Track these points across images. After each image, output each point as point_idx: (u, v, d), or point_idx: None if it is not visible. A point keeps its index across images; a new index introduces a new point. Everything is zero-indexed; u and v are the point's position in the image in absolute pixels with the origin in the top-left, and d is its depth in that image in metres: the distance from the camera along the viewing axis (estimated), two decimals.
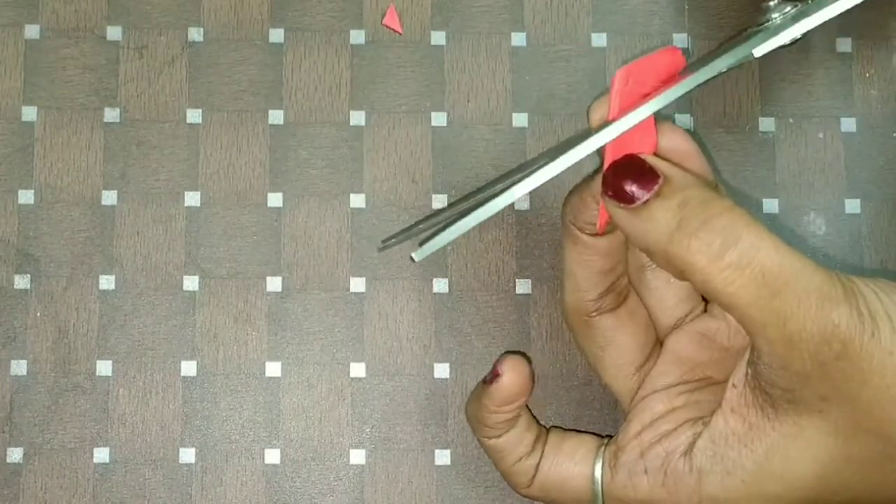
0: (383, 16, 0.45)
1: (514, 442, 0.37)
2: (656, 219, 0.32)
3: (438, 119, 0.44)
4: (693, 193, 0.32)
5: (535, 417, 0.39)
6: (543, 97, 0.44)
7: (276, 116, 0.44)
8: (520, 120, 0.44)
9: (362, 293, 0.43)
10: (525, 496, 0.38)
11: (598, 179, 0.34)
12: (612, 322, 0.38)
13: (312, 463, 0.42)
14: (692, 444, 0.35)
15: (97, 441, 0.42)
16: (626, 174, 0.33)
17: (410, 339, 0.43)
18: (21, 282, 0.43)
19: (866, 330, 0.31)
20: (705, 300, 0.38)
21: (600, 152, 0.34)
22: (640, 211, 0.32)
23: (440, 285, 0.43)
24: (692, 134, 0.45)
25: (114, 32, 0.44)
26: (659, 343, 0.39)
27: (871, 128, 0.45)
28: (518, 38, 0.45)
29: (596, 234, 0.36)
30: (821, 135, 0.45)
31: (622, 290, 0.38)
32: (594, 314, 0.38)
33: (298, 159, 0.44)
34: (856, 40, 0.45)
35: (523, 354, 0.39)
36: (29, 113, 0.44)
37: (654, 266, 0.38)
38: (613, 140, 0.33)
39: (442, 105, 0.44)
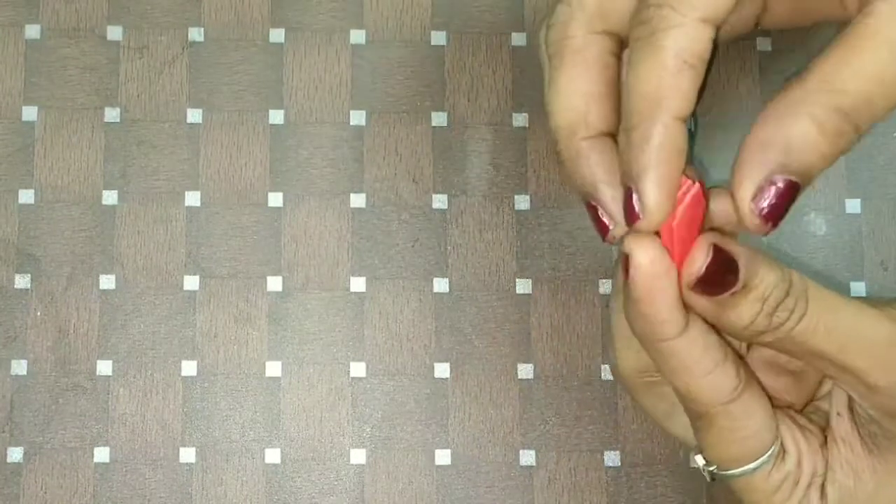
0: (383, 16, 0.45)
1: (699, 340, 0.31)
2: (741, 310, 0.31)
3: (438, 119, 0.44)
4: (769, 280, 0.31)
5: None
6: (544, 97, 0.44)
7: (276, 116, 0.44)
8: (520, 120, 0.44)
9: (362, 293, 0.43)
10: (720, 412, 0.32)
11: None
12: None
13: (312, 463, 0.42)
14: (824, 475, 0.34)
15: (97, 441, 0.42)
16: (714, 271, 0.31)
17: (410, 338, 0.43)
18: (21, 281, 0.43)
19: None
20: None
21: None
22: (725, 303, 0.31)
23: (440, 285, 0.43)
24: (693, 134, 0.45)
25: (114, 32, 0.44)
26: None
27: (872, 128, 0.45)
28: (518, 38, 0.45)
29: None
30: None
31: None
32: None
33: (298, 159, 0.44)
34: None
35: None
36: (29, 113, 0.44)
37: None
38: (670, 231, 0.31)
39: (442, 105, 0.44)
